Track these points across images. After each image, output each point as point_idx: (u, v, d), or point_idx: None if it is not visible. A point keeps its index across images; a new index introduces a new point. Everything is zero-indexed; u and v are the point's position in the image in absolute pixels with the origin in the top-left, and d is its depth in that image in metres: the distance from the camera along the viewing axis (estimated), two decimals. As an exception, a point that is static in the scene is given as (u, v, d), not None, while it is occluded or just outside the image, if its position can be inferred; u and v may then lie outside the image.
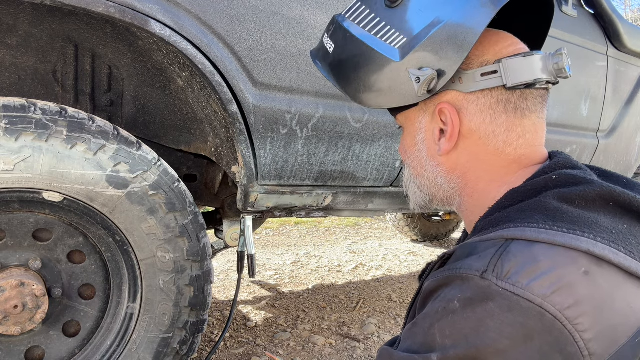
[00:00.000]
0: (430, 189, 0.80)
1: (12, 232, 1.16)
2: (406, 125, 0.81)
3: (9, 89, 1.33)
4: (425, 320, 0.61)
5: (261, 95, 1.35)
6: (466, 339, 0.55)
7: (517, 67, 0.69)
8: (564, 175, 0.65)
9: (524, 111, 0.71)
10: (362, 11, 0.77)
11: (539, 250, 0.55)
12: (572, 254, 0.55)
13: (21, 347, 1.20)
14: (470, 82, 0.71)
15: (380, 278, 3.11)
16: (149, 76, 1.44)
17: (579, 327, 0.52)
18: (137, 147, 1.22)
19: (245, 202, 1.49)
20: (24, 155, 1.07)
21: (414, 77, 0.70)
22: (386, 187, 1.78)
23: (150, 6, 1.13)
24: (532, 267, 0.54)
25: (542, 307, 0.52)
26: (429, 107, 0.75)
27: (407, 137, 0.81)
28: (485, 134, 0.72)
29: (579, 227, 0.57)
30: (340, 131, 1.52)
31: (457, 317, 0.56)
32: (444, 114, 0.73)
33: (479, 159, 0.73)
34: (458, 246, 0.66)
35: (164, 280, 1.28)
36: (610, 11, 2.19)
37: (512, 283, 0.54)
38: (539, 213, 0.60)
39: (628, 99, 2.46)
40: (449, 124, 0.73)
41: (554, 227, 0.57)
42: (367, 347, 2.06)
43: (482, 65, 0.71)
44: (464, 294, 0.57)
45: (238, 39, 1.28)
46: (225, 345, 1.98)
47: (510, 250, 0.56)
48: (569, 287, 0.53)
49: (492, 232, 0.61)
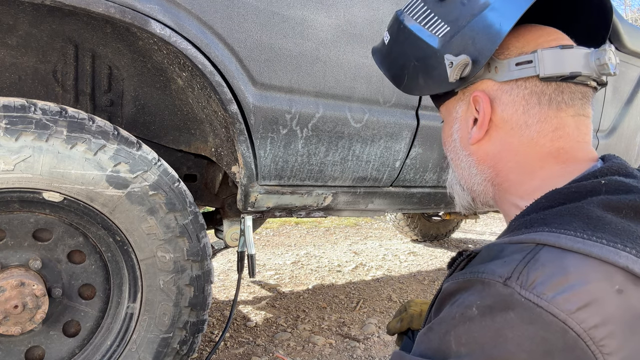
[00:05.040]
0: (467, 182, 0.80)
1: (12, 232, 1.16)
2: (445, 117, 0.82)
3: (9, 89, 1.33)
4: (442, 326, 0.58)
5: (261, 95, 1.35)
6: (482, 349, 0.53)
7: (553, 58, 0.67)
8: (615, 181, 0.61)
9: (560, 104, 0.69)
10: (416, 5, 0.80)
11: (571, 260, 0.52)
12: (607, 269, 0.51)
13: (21, 347, 1.20)
14: (505, 71, 0.71)
15: (380, 278, 3.11)
16: (149, 76, 1.44)
17: (604, 349, 0.48)
18: (137, 147, 1.22)
19: (245, 202, 1.49)
20: (24, 155, 1.07)
21: (447, 62, 0.71)
22: (386, 187, 1.78)
23: (150, 6, 1.13)
24: (560, 279, 0.50)
25: (565, 322, 0.49)
26: (466, 96, 0.76)
27: (445, 128, 0.82)
28: (518, 124, 0.71)
29: (620, 240, 0.53)
30: (340, 131, 1.52)
31: (475, 325, 0.54)
32: (478, 102, 0.73)
33: (511, 149, 0.72)
34: (485, 245, 0.63)
35: (164, 280, 1.28)
36: (610, 11, 2.18)
37: (536, 294, 0.50)
38: (579, 220, 0.56)
39: (628, 99, 2.46)
40: (481, 112, 0.73)
41: (592, 237, 0.53)
42: (367, 347, 2.06)
43: (518, 55, 0.71)
44: (483, 301, 0.54)
45: (238, 39, 1.28)
46: (225, 345, 1.98)
47: (539, 258, 0.53)
48: (598, 304, 0.49)
49: (524, 233, 0.58)
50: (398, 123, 1.64)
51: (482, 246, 0.63)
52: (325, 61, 1.44)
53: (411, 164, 1.76)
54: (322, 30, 1.42)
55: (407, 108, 1.66)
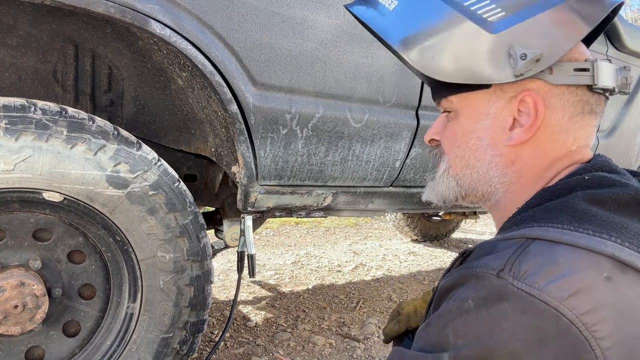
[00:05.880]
0: (474, 182, 0.75)
1: (12, 232, 1.16)
2: (462, 110, 0.74)
3: (9, 89, 1.33)
4: (439, 320, 0.59)
5: (261, 95, 1.35)
6: (479, 339, 0.54)
7: (606, 70, 0.67)
8: (598, 177, 0.63)
9: (597, 115, 0.70)
10: None
11: (560, 251, 0.54)
12: (594, 258, 0.53)
13: (21, 347, 1.20)
14: (561, 74, 0.68)
15: (380, 278, 3.11)
16: (149, 76, 1.44)
17: (596, 334, 0.50)
18: (137, 147, 1.22)
19: (245, 202, 1.49)
20: (24, 155, 1.07)
21: (519, 52, 0.65)
22: (386, 187, 1.78)
23: (150, 6, 1.13)
24: (551, 269, 0.52)
25: (558, 310, 0.50)
26: (507, 92, 0.70)
27: (463, 122, 0.74)
28: (559, 130, 0.69)
29: (606, 230, 0.55)
30: (340, 131, 1.52)
31: (471, 317, 0.55)
32: (526, 102, 0.69)
33: (544, 155, 0.70)
34: (478, 244, 0.64)
35: (164, 280, 1.28)
36: (610, 11, 2.18)
37: (528, 283, 0.52)
38: (566, 214, 0.58)
39: (628, 99, 2.46)
40: (531, 114, 0.69)
41: (579, 228, 0.55)
42: (367, 347, 2.06)
43: (571, 61, 0.69)
44: (478, 293, 0.56)
45: (238, 39, 1.28)
46: (225, 345, 1.98)
47: (530, 250, 0.55)
48: (588, 291, 0.51)
49: (515, 230, 0.60)
50: (398, 123, 1.64)
51: (475, 245, 0.65)
52: (325, 61, 1.44)
53: (411, 164, 1.76)
54: (322, 30, 1.42)
55: (407, 108, 1.66)
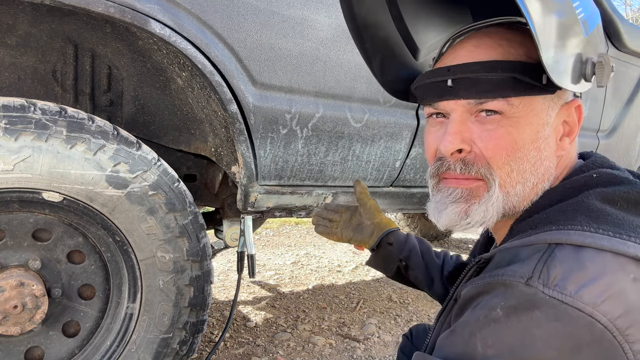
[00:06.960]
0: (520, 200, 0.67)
1: (11, 232, 1.16)
2: (524, 115, 0.65)
3: (8, 88, 1.33)
4: (465, 329, 0.57)
5: (261, 95, 1.35)
6: (510, 350, 0.52)
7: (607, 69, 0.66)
8: (605, 174, 0.63)
9: None
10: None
11: (586, 255, 0.53)
12: (619, 260, 0.52)
13: (21, 347, 1.20)
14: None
15: (380, 278, 3.11)
16: (149, 76, 1.44)
17: (629, 338, 0.49)
18: (136, 147, 1.22)
19: (245, 202, 1.49)
20: (23, 155, 1.06)
21: (594, 59, 0.63)
22: (386, 187, 1.78)
23: (150, 6, 1.13)
24: (580, 274, 0.51)
25: (592, 316, 0.49)
26: (561, 99, 0.68)
27: (527, 130, 0.64)
28: (575, 134, 0.70)
29: (624, 230, 0.54)
30: (341, 131, 1.52)
31: (501, 326, 0.53)
32: (572, 111, 0.68)
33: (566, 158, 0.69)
34: (496, 250, 0.62)
35: (164, 280, 1.28)
36: (611, 11, 2.18)
37: (559, 290, 0.51)
38: (582, 214, 0.57)
39: (628, 99, 2.46)
40: (576, 122, 0.68)
41: (598, 230, 0.54)
42: (367, 347, 2.06)
43: None
44: (507, 302, 0.54)
45: (238, 39, 1.28)
46: (225, 345, 1.98)
47: (556, 256, 0.54)
48: (619, 295, 0.50)
49: (533, 235, 0.59)
50: (398, 123, 1.63)
51: (493, 251, 0.64)
52: (325, 61, 1.44)
53: (411, 164, 1.75)
54: (322, 30, 1.42)
55: (407, 108, 1.66)
